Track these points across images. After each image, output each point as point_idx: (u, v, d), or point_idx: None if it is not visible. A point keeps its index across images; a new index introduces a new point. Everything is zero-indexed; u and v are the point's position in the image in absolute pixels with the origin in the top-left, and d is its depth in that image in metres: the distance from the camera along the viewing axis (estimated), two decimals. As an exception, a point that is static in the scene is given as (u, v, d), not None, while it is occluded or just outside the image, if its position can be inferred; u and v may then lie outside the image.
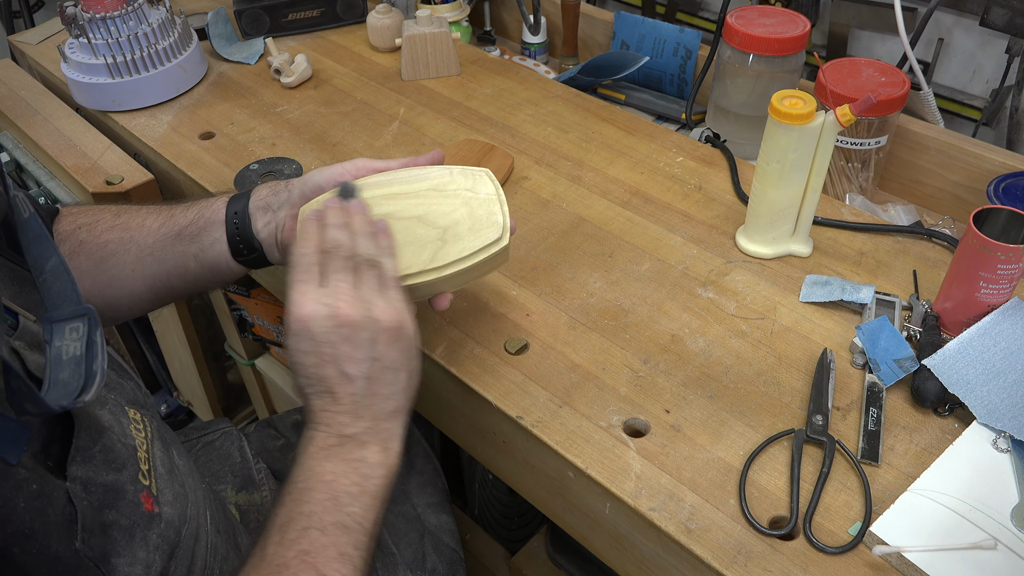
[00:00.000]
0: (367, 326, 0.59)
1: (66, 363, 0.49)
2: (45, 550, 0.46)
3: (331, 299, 0.59)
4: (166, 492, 0.58)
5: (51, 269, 0.56)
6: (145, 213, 0.76)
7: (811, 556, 0.60)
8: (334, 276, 0.61)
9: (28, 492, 0.45)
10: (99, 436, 0.53)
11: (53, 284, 0.55)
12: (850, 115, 0.74)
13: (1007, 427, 0.65)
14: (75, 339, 0.50)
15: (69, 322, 0.51)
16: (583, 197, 0.95)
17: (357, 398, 0.59)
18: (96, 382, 0.48)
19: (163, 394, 1.65)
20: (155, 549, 0.54)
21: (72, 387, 0.48)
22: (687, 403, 0.71)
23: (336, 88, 1.18)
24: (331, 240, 0.62)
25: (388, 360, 0.60)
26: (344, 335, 0.59)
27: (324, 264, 0.61)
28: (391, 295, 0.62)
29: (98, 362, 0.50)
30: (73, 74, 1.12)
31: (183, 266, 0.75)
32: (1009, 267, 0.69)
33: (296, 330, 0.59)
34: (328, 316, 0.58)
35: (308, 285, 0.60)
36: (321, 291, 0.60)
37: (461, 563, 0.92)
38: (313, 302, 0.59)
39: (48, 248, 0.57)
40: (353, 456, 0.59)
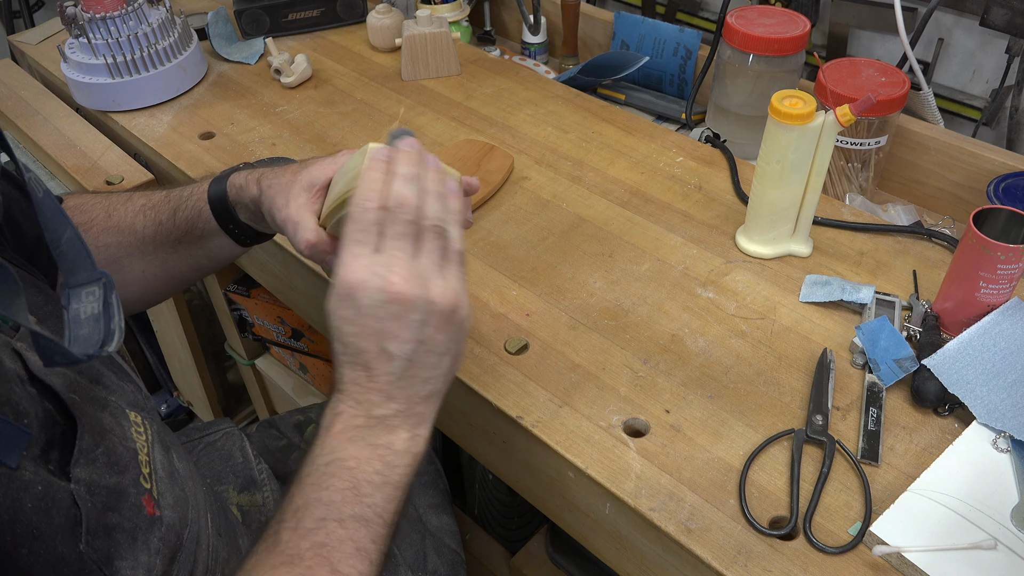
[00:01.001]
0: (419, 306, 0.54)
1: (84, 321, 0.50)
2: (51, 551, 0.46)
3: (385, 269, 0.54)
4: (167, 495, 0.58)
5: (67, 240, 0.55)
6: (133, 214, 0.75)
7: (811, 556, 0.60)
8: (393, 242, 0.55)
9: (34, 493, 0.46)
10: (101, 439, 0.53)
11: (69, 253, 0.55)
12: (850, 115, 0.74)
13: (1007, 427, 0.65)
14: (91, 301, 0.51)
15: (85, 287, 0.52)
16: (583, 197, 0.95)
17: (393, 378, 0.56)
18: (116, 337, 0.49)
19: (163, 394, 1.65)
20: (156, 553, 0.54)
21: (94, 340, 0.48)
22: (687, 403, 0.71)
23: (336, 88, 1.18)
24: (397, 197, 0.56)
25: (434, 344, 0.56)
26: (393, 312, 0.54)
27: (384, 224, 0.55)
28: (451, 271, 0.57)
29: (116, 321, 0.50)
30: (73, 74, 1.12)
31: (195, 265, 0.76)
32: (1009, 267, 0.69)
33: (341, 294, 0.54)
34: (379, 288, 0.53)
35: (363, 247, 0.55)
36: (376, 257, 0.54)
37: (462, 564, 0.92)
38: (365, 268, 0.54)
39: (63, 222, 0.56)
40: (380, 441, 0.55)
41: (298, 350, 1.31)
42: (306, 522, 0.53)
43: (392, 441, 0.56)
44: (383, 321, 0.54)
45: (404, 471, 0.56)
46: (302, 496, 0.54)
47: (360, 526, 0.53)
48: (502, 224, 0.91)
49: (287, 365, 1.40)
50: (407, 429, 0.56)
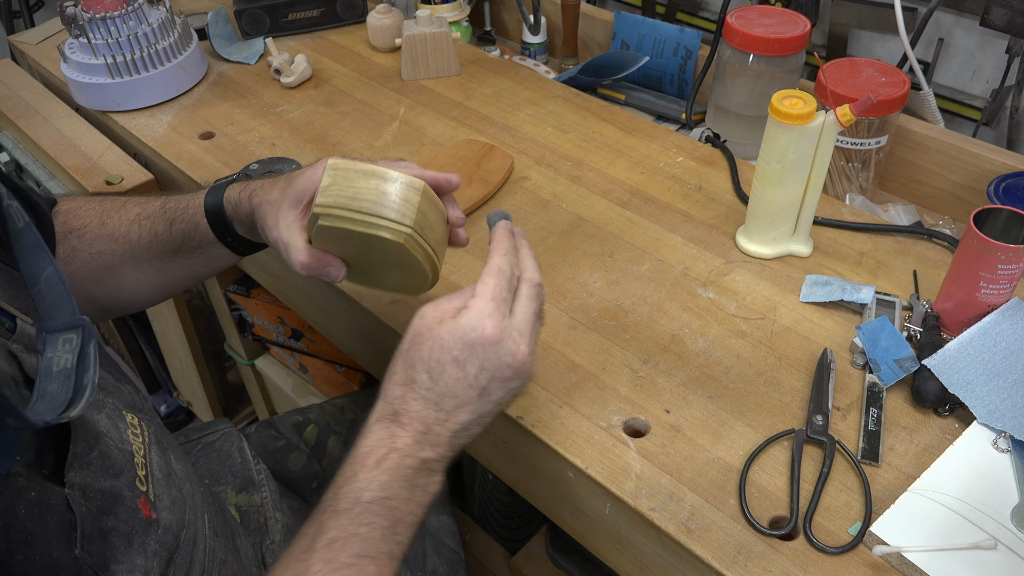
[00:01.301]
0: (523, 375, 0.57)
1: (56, 375, 0.48)
2: (46, 557, 0.45)
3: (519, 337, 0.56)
4: (164, 498, 0.58)
5: (46, 279, 0.54)
6: (128, 223, 0.75)
7: (811, 556, 0.60)
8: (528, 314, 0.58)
9: (28, 499, 0.45)
10: (96, 442, 0.53)
11: (48, 295, 0.54)
12: (850, 115, 0.74)
13: (1007, 427, 0.65)
14: (67, 350, 0.49)
15: (63, 333, 0.50)
16: (583, 197, 0.95)
17: (458, 429, 0.57)
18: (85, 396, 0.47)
19: (163, 394, 1.65)
20: (153, 555, 0.54)
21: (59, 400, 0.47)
22: (687, 403, 0.71)
23: (336, 88, 1.18)
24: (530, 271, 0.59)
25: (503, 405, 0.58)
26: (505, 376, 0.56)
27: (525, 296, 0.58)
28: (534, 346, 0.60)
29: (89, 375, 0.48)
30: (73, 74, 1.12)
31: (192, 272, 0.76)
32: (1009, 267, 0.69)
33: (469, 340, 0.55)
34: (510, 353, 0.56)
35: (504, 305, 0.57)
36: (512, 322, 0.57)
37: (462, 564, 0.92)
38: (501, 329, 0.56)
39: (43, 259, 0.55)
40: (421, 483, 0.56)
41: (298, 350, 1.31)
42: (342, 556, 0.52)
43: (429, 484, 0.57)
44: (493, 381, 0.56)
45: (425, 511, 0.57)
46: (339, 528, 0.53)
47: (387, 563, 0.54)
48: (502, 224, 0.91)
49: (287, 365, 1.40)
50: (440, 473, 0.57)
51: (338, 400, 1.04)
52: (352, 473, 0.55)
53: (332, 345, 1.24)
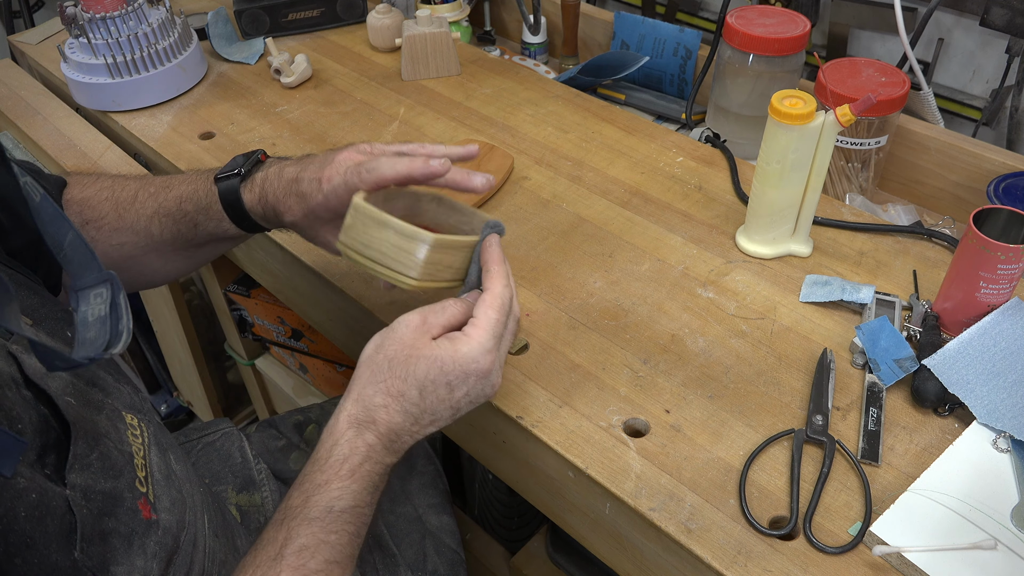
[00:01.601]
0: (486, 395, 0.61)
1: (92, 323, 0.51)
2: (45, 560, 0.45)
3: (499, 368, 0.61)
4: (163, 499, 0.58)
5: (70, 244, 0.57)
6: (147, 219, 0.75)
7: (811, 556, 0.60)
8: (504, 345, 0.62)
9: (28, 502, 0.45)
10: (96, 443, 0.53)
11: (74, 257, 0.56)
12: (850, 115, 0.74)
13: (1007, 427, 0.65)
14: (100, 303, 0.52)
15: (93, 288, 0.53)
16: (583, 197, 0.95)
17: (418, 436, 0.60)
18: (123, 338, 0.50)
19: (163, 394, 1.65)
20: (152, 557, 0.54)
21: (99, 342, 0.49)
22: (687, 403, 0.71)
23: (336, 88, 1.18)
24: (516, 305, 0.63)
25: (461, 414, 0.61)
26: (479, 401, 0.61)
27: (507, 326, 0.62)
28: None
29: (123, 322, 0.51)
30: (73, 74, 1.12)
31: (215, 254, 0.81)
32: (1009, 267, 0.69)
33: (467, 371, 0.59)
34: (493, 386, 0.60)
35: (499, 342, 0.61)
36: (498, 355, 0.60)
37: (462, 564, 0.92)
38: (493, 363, 0.60)
39: (64, 226, 0.58)
40: (380, 486, 0.60)
41: (298, 350, 1.31)
42: (311, 564, 0.54)
43: (385, 485, 0.60)
44: (471, 405, 0.60)
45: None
46: (310, 535, 0.55)
47: (350, 565, 0.57)
48: (502, 224, 0.91)
49: (287, 365, 1.40)
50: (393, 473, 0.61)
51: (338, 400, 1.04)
52: (324, 481, 0.57)
53: (332, 345, 1.24)
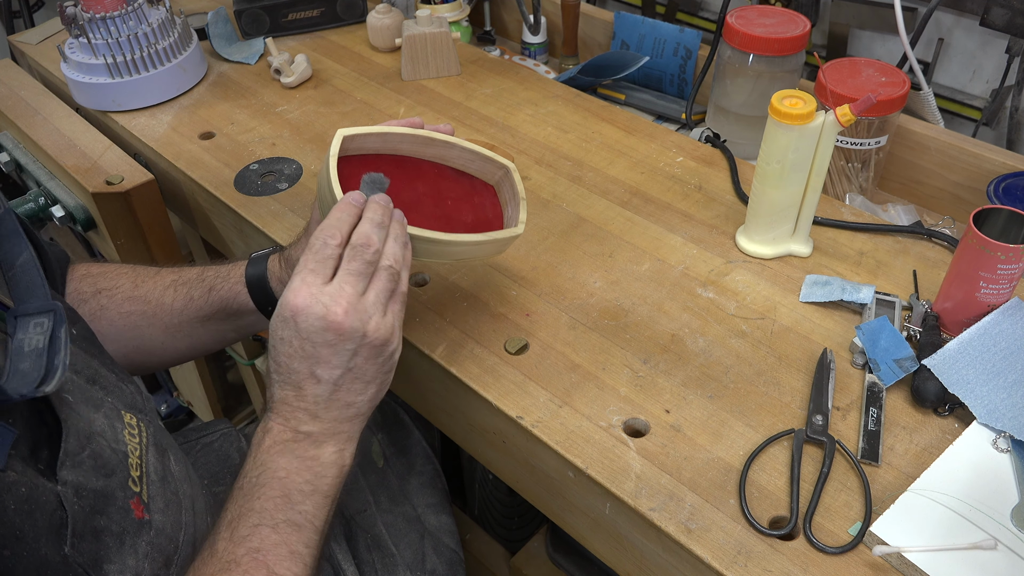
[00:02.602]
0: (353, 337, 0.58)
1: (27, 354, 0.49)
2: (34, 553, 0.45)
3: (330, 300, 0.57)
4: (158, 500, 0.58)
5: (21, 265, 0.55)
6: (163, 288, 0.76)
7: (811, 556, 0.60)
8: (346, 276, 0.59)
9: (17, 495, 0.45)
10: (87, 441, 0.53)
11: (22, 279, 0.55)
12: (850, 115, 0.74)
13: (1007, 427, 0.65)
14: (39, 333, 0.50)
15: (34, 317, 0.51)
16: (583, 197, 0.95)
17: (319, 400, 0.59)
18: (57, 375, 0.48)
19: (163, 394, 1.65)
20: (144, 557, 0.54)
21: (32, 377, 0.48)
22: (687, 403, 0.71)
23: (336, 88, 1.18)
24: (363, 235, 0.60)
25: (362, 372, 0.60)
26: (327, 340, 0.57)
27: (343, 259, 0.59)
28: (393, 309, 0.61)
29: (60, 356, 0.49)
30: (73, 74, 1.12)
31: (221, 338, 0.78)
32: (1009, 267, 0.69)
33: (284, 316, 0.58)
34: (320, 316, 0.57)
35: (316, 276, 0.58)
36: (324, 288, 0.58)
37: (461, 564, 0.92)
38: (311, 296, 0.57)
39: (20, 244, 0.57)
40: (307, 454, 0.59)
41: (298, 350, 1.31)
42: (240, 530, 0.55)
43: (319, 454, 0.59)
44: (317, 347, 0.58)
45: (332, 481, 0.60)
46: (235, 508, 0.56)
47: (293, 531, 0.56)
48: (502, 224, 0.91)
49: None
50: (333, 444, 0.60)
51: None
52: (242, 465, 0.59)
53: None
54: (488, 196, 0.76)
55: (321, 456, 0.59)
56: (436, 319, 0.80)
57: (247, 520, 0.56)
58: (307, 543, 0.56)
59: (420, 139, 0.72)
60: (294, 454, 0.58)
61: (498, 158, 0.75)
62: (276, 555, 0.55)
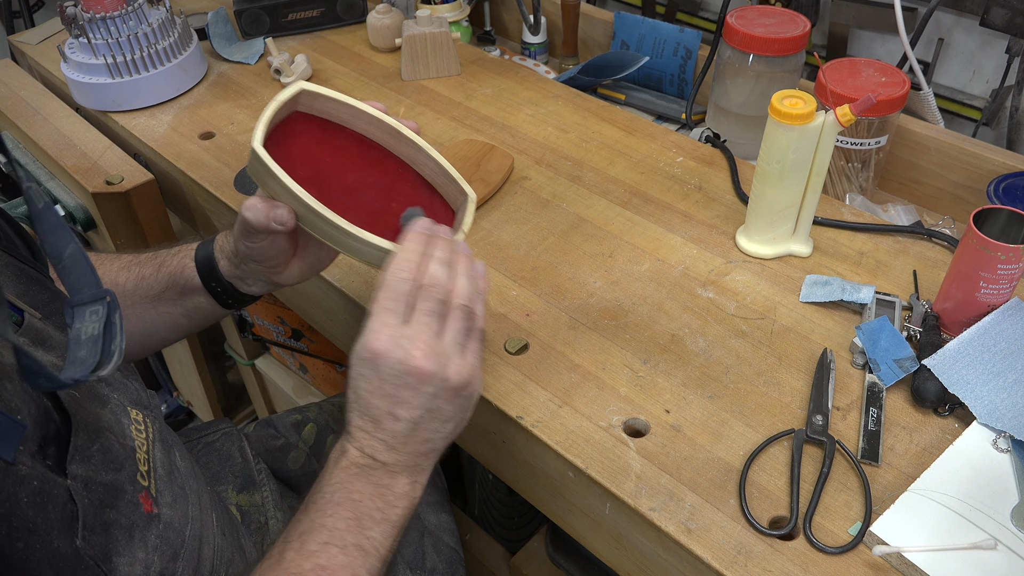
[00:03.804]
0: (434, 381, 0.58)
1: (84, 342, 0.50)
2: (47, 546, 0.46)
3: (410, 344, 0.57)
4: (165, 494, 0.58)
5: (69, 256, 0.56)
6: (118, 269, 0.76)
7: (811, 556, 0.60)
8: (421, 317, 0.58)
9: (30, 488, 0.46)
10: (96, 436, 0.53)
11: (73, 270, 0.55)
12: (850, 115, 0.74)
13: (1007, 427, 0.65)
14: (94, 320, 0.51)
15: (89, 305, 0.52)
16: (583, 197, 0.95)
17: (398, 435, 0.59)
18: (113, 360, 0.49)
19: (163, 394, 1.65)
20: (154, 550, 0.54)
21: (88, 363, 0.48)
22: (687, 403, 0.71)
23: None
24: (432, 276, 0.59)
25: (441, 412, 0.60)
26: (408, 383, 0.58)
27: (415, 298, 0.59)
28: (472, 348, 0.61)
29: (116, 342, 0.50)
30: (73, 74, 1.12)
31: (173, 324, 0.76)
32: (1009, 267, 0.69)
33: (365, 358, 0.58)
34: (400, 360, 0.57)
35: (393, 317, 0.58)
36: (403, 329, 0.58)
37: (460, 562, 0.92)
38: (391, 339, 0.57)
39: (65, 236, 0.57)
40: (382, 482, 0.60)
41: (298, 350, 1.31)
42: (310, 544, 0.56)
43: (392, 484, 0.60)
44: (398, 389, 0.58)
45: (402, 512, 0.60)
46: (308, 521, 0.57)
47: (359, 555, 0.57)
48: (502, 224, 0.91)
49: (287, 365, 1.40)
50: (407, 476, 0.60)
51: (337, 399, 1.04)
52: (317, 479, 0.60)
53: (332, 345, 1.24)
54: (444, 217, 0.71)
55: (395, 486, 0.60)
56: (436, 319, 0.80)
57: (318, 536, 0.56)
58: (370, 570, 0.57)
59: (389, 130, 0.69)
60: (369, 479, 0.59)
61: (463, 183, 0.71)
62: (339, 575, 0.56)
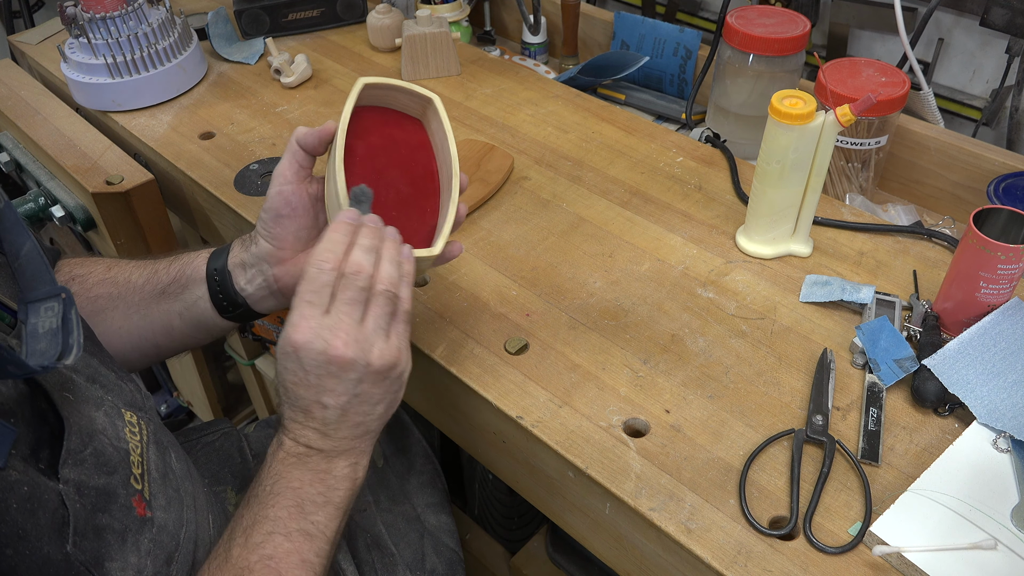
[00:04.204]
0: (356, 367, 0.58)
1: (42, 335, 0.50)
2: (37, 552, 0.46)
3: (329, 333, 0.58)
4: (159, 497, 0.58)
5: (26, 254, 0.56)
6: (132, 268, 0.76)
7: (811, 556, 0.60)
8: (342, 306, 0.59)
9: (19, 494, 0.45)
10: (90, 439, 0.53)
11: (28, 268, 0.56)
12: (850, 115, 0.74)
13: (1007, 427, 0.65)
14: (50, 316, 0.51)
15: (44, 302, 0.52)
16: (583, 197, 0.95)
17: (328, 422, 0.60)
18: (74, 351, 0.49)
19: (163, 394, 1.65)
20: (147, 554, 0.54)
21: (51, 353, 0.48)
22: (687, 403, 0.71)
23: (336, 88, 1.18)
24: (354, 264, 0.59)
25: (368, 396, 0.60)
26: (330, 371, 0.58)
27: (337, 288, 0.59)
28: (396, 330, 0.61)
29: (74, 336, 0.50)
30: (73, 74, 1.12)
31: (167, 324, 0.75)
32: (1009, 267, 0.69)
33: (287, 351, 0.58)
34: (321, 351, 0.57)
35: (313, 309, 0.58)
36: (323, 320, 0.58)
37: (460, 563, 0.92)
38: (310, 331, 0.58)
39: (22, 234, 0.57)
40: (319, 467, 0.60)
41: (298, 350, 1.31)
42: (254, 537, 0.56)
43: (330, 467, 0.61)
44: (322, 378, 0.58)
45: (344, 494, 0.61)
46: (251, 515, 0.58)
47: (305, 540, 0.57)
48: (502, 224, 0.91)
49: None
50: (344, 459, 0.61)
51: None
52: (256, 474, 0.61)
53: (332, 345, 1.24)
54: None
55: (333, 470, 0.60)
56: (436, 319, 0.80)
57: (261, 527, 0.57)
58: (318, 553, 0.58)
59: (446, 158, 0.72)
60: (307, 467, 0.60)
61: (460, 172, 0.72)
62: (288, 563, 0.56)
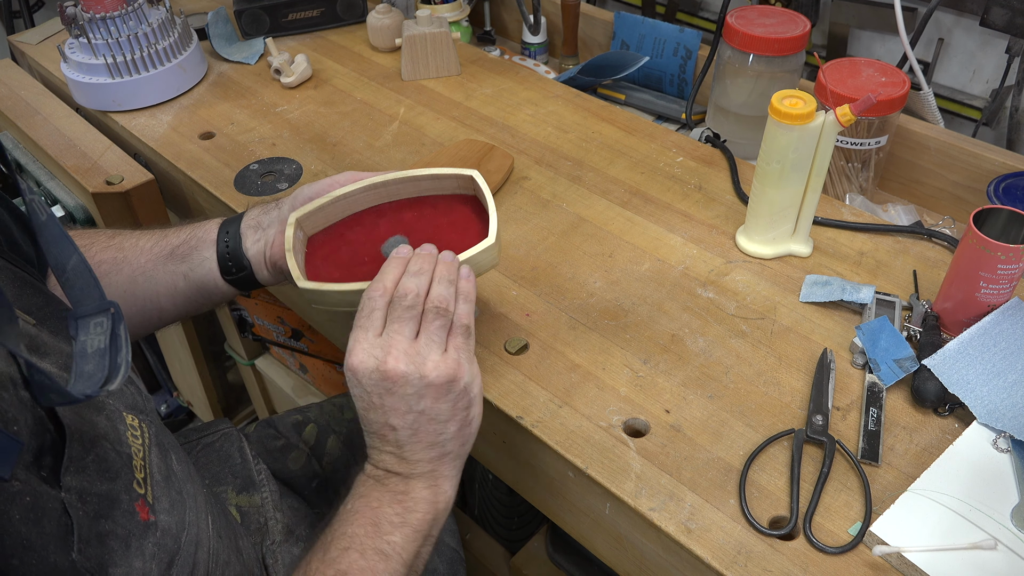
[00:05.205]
0: (411, 381, 0.60)
1: (91, 356, 0.50)
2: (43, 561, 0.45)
3: (381, 352, 0.60)
4: (162, 500, 0.58)
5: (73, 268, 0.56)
6: (139, 234, 0.77)
7: (811, 556, 0.60)
8: (393, 325, 0.61)
9: (23, 504, 0.45)
10: (92, 446, 0.53)
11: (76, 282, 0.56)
12: (850, 115, 0.74)
13: (1007, 427, 0.65)
14: (99, 333, 0.51)
15: (93, 317, 0.52)
16: (583, 197, 0.95)
17: (401, 444, 0.62)
18: (120, 373, 0.49)
19: (163, 394, 1.65)
20: (151, 558, 0.54)
21: (97, 378, 0.49)
22: (687, 403, 0.71)
23: (336, 88, 1.18)
24: (402, 288, 0.62)
25: (434, 413, 0.61)
26: (387, 388, 0.60)
27: (389, 311, 0.62)
28: (454, 343, 0.62)
29: (122, 354, 0.50)
30: (73, 74, 1.12)
31: (172, 285, 0.76)
32: (1009, 267, 0.69)
33: (349, 377, 0.61)
34: (375, 369, 0.60)
35: (366, 332, 0.61)
36: (375, 341, 0.61)
37: (461, 563, 0.92)
38: (364, 352, 0.60)
39: (68, 248, 0.57)
40: (398, 489, 0.62)
41: (298, 350, 1.31)
42: (331, 552, 0.58)
43: (408, 489, 0.62)
44: (383, 398, 0.60)
45: (423, 517, 0.62)
46: (330, 532, 0.60)
47: (380, 559, 0.59)
48: (502, 224, 0.91)
49: (287, 365, 1.40)
50: (423, 482, 0.63)
51: (337, 399, 1.04)
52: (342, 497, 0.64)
53: (332, 345, 1.24)
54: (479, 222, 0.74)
55: (411, 491, 0.62)
56: (436, 319, 0.80)
57: (338, 544, 0.59)
58: (392, 573, 0.59)
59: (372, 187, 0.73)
60: (385, 488, 0.62)
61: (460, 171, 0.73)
62: None
